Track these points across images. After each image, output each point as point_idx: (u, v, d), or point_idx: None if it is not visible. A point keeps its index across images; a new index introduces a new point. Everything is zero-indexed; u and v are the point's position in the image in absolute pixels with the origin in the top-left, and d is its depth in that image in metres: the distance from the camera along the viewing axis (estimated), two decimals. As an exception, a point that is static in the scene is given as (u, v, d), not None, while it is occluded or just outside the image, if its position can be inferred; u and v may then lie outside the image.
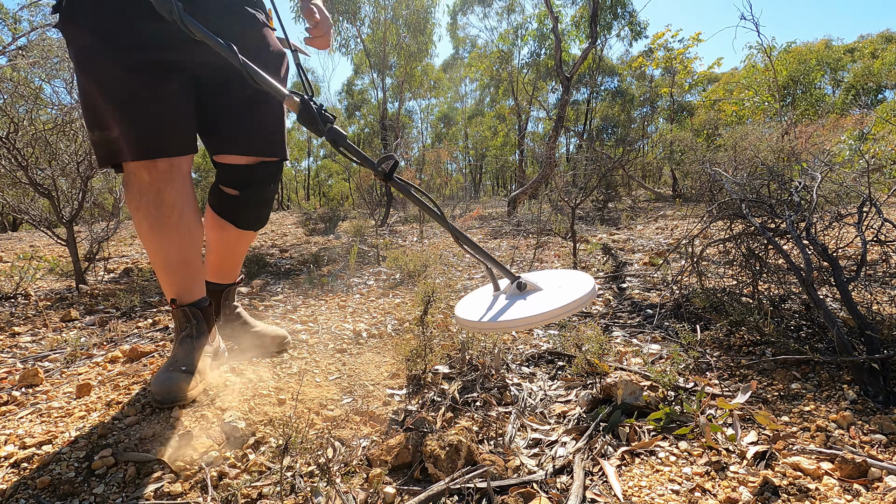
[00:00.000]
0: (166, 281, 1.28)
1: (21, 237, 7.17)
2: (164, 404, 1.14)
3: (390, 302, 2.40)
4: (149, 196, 1.20)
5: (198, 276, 1.33)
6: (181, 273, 1.28)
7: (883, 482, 0.84)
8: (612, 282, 2.60)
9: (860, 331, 1.20)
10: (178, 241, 1.24)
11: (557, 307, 0.95)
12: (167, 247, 1.24)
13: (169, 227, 1.23)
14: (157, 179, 1.19)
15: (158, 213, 1.21)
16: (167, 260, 1.25)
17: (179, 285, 1.29)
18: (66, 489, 0.89)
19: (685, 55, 11.78)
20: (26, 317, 2.14)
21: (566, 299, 0.97)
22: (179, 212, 1.23)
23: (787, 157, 4.30)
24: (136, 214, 1.21)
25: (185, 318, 1.29)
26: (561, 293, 1.02)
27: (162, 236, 1.23)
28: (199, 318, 1.30)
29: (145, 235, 1.23)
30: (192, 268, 1.30)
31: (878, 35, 23.43)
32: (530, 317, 0.96)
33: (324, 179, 29.95)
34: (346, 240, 5.48)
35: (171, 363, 1.22)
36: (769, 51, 7.44)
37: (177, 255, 1.25)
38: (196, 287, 1.33)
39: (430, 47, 10.42)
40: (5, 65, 3.87)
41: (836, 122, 7.00)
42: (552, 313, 0.95)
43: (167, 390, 1.14)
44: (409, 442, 1.01)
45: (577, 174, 5.44)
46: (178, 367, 1.20)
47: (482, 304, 1.11)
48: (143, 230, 1.23)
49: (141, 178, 1.19)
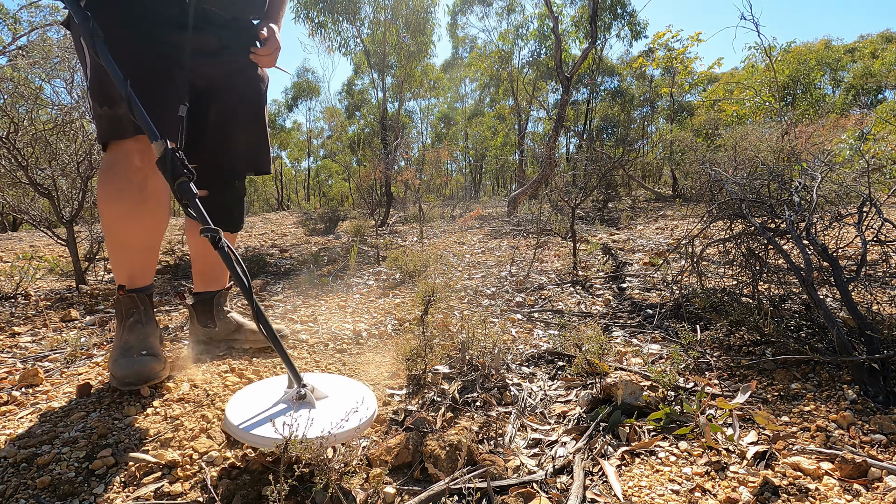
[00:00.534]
0: (123, 264, 1.29)
1: (21, 237, 7.17)
2: (134, 386, 1.16)
3: (390, 302, 2.40)
4: (135, 180, 1.22)
5: (154, 263, 1.37)
6: (142, 258, 1.31)
7: (883, 482, 0.84)
8: (612, 282, 2.60)
9: (860, 331, 1.20)
10: (151, 227, 1.28)
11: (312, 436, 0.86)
12: (138, 231, 1.27)
13: (146, 214, 1.26)
14: (147, 166, 1.23)
15: (140, 198, 1.23)
16: (132, 244, 1.28)
17: (135, 270, 1.30)
18: (66, 489, 0.89)
19: (685, 55, 11.78)
20: (26, 317, 2.14)
21: (328, 429, 0.89)
22: (157, 200, 1.27)
23: (787, 157, 4.30)
24: (116, 195, 1.22)
25: (132, 305, 1.29)
26: (329, 416, 0.94)
27: (137, 221, 1.26)
28: (146, 304, 1.31)
29: (119, 217, 1.24)
30: (152, 254, 1.34)
31: (878, 35, 23.41)
32: (274, 438, 0.86)
33: (324, 179, 29.94)
34: (346, 240, 5.48)
35: (124, 349, 1.22)
36: (769, 51, 7.44)
37: (144, 240, 1.29)
38: (148, 274, 1.35)
39: (430, 47, 10.40)
40: (5, 65, 3.86)
41: (836, 122, 7.00)
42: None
43: (137, 373, 1.16)
44: (409, 442, 1.01)
45: (577, 174, 5.44)
46: (138, 351, 1.21)
47: (260, 400, 1.02)
48: (119, 212, 1.24)
49: (132, 161, 1.22)
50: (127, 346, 1.22)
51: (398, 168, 7.62)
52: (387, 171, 7.47)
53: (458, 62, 19.87)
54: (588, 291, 2.46)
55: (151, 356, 1.21)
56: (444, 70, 19.94)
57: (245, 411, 0.97)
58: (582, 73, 15.70)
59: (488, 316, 2.01)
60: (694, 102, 14.12)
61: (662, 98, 14.94)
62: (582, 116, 17.95)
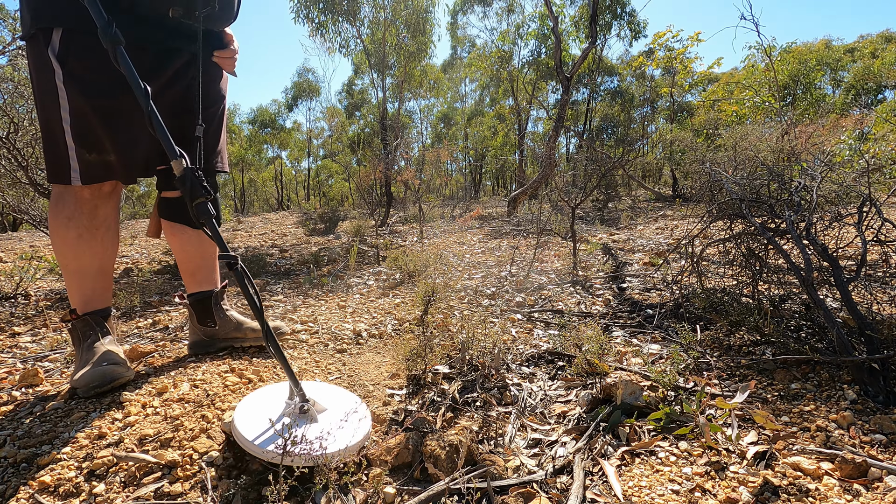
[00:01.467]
0: (77, 288, 1.34)
1: (21, 237, 7.16)
2: (100, 389, 1.19)
3: (390, 302, 2.40)
4: (84, 210, 1.29)
5: (108, 286, 1.41)
6: (95, 281, 1.36)
7: (883, 482, 0.84)
8: (612, 282, 2.60)
9: (860, 331, 1.20)
10: (101, 251, 1.33)
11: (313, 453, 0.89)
12: (89, 256, 1.32)
13: (96, 240, 1.32)
14: (96, 197, 1.30)
15: (90, 226, 1.30)
16: (84, 268, 1.33)
17: (88, 293, 1.35)
18: (66, 489, 0.89)
19: (685, 55, 11.78)
20: (26, 317, 2.14)
21: (330, 446, 0.92)
22: (107, 226, 1.34)
23: (787, 157, 4.30)
24: (66, 223, 1.28)
25: (87, 327, 1.32)
26: (332, 434, 0.97)
27: (87, 247, 1.31)
28: (100, 324, 1.35)
29: (70, 243, 1.29)
30: (105, 277, 1.38)
31: (878, 35, 23.41)
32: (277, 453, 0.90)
33: (324, 179, 29.94)
34: (346, 240, 5.48)
35: (86, 362, 1.25)
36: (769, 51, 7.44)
37: (97, 264, 1.34)
38: (104, 297, 1.39)
39: (430, 47, 10.40)
40: (5, 65, 3.87)
41: (836, 122, 6.99)
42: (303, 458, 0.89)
43: (101, 376, 1.19)
44: (409, 442, 1.01)
45: (577, 174, 5.44)
46: (99, 363, 1.24)
47: (268, 410, 1.05)
48: (69, 238, 1.29)
49: (82, 194, 1.27)
50: (86, 361, 1.26)
51: (398, 168, 7.62)
52: (387, 171, 7.47)
53: (457, 62, 19.88)
54: (588, 291, 2.46)
55: (112, 364, 1.24)
56: (444, 70, 19.94)
57: (253, 422, 1.00)
58: (582, 73, 15.70)
59: (488, 316, 2.01)
60: (694, 102, 14.11)
61: (662, 98, 14.94)
62: (582, 116, 17.95)
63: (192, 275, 1.57)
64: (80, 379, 1.20)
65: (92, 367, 1.22)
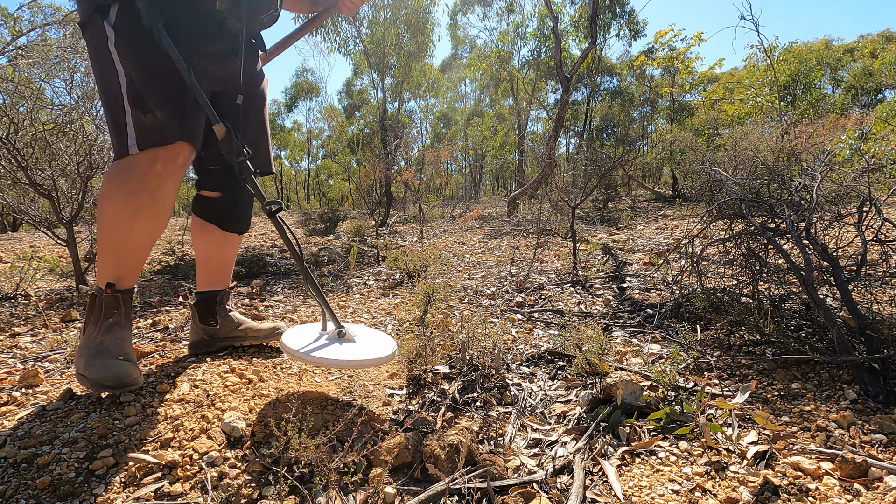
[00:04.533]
0: (116, 263, 1.29)
1: (21, 237, 7.16)
2: (110, 390, 1.15)
3: (390, 302, 2.39)
4: (150, 185, 1.23)
5: (142, 265, 1.37)
6: (134, 258, 1.31)
7: (883, 482, 0.84)
8: (612, 282, 2.60)
9: (860, 331, 1.20)
10: (151, 228, 1.29)
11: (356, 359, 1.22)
12: (140, 232, 1.27)
13: (152, 216, 1.27)
14: (165, 173, 1.25)
15: (150, 202, 1.25)
16: (129, 244, 1.28)
17: (124, 269, 1.30)
18: (66, 489, 0.89)
19: (686, 55, 11.77)
20: (26, 317, 2.14)
21: (364, 356, 1.24)
22: (164, 204, 1.29)
23: (787, 157, 4.30)
24: (126, 198, 1.22)
25: (115, 305, 1.27)
26: (365, 350, 1.27)
27: (141, 224, 1.26)
28: (127, 306, 1.30)
29: (123, 219, 1.24)
30: (144, 255, 1.34)
31: (878, 35, 23.42)
32: (335, 360, 1.21)
33: (324, 180, 29.94)
34: (346, 240, 5.48)
35: (97, 349, 1.20)
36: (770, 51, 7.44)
37: (142, 240, 1.30)
38: (135, 275, 1.34)
39: (430, 47, 10.41)
40: (5, 65, 3.86)
41: (836, 122, 6.99)
42: (351, 363, 1.22)
43: (116, 377, 1.14)
44: (409, 442, 1.01)
45: (577, 174, 5.44)
46: (115, 355, 1.19)
47: (307, 337, 1.33)
48: (123, 214, 1.24)
49: (153, 167, 1.23)
50: (102, 347, 1.20)
51: (398, 168, 7.62)
52: (386, 172, 7.47)
53: (456, 62, 19.89)
54: (588, 291, 2.46)
55: (129, 362, 1.20)
56: (443, 70, 19.95)
57: (298, 340, 1.29)
58: (581, 72, 15.70)
59: (488, 316, 2.01)
60: (694, 102, 14.11)
61: (662, 98, 14.94)
62: (582, 116, 17.95)
63: (207, 275, 1.59)
64: (92, 369, 1.15)
65: (108, 360, 1.17)
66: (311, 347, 1.25)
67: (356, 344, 1.31)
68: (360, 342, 1.32)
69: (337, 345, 1.28)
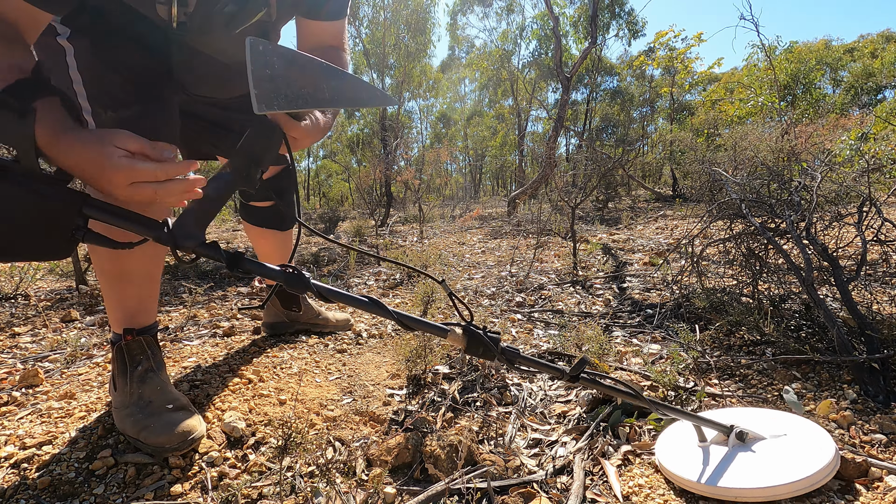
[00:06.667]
0: (117, 299, 1.11)
1: (21, 237, 7.15)
2: (180, 451, 0.97)
3: (390, 302, 2.40)
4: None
5: (155, 297, 1.19)
6: (140, 290, 1.13)
7: (883, 482, 0.84)
8: (612, 282, 2.60)
9: (860, 331, 1.20)
10: (150, 251, 1.06)
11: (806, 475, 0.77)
12: (136, 257, 1.07)
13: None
14: None
15: None
16: (127, 272, 1.10)
17: (132, 304, 1.12)
18: (66, 489, 0.89)
19: (686, 55, 11.77)
20: (26, 317, 2.14)
21: (811, 464, 0.79)
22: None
23: (787, 157, 4.30)
24: None
25: (139, 350, 1.09)
26: (794, 448, 0.84)
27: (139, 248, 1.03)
28: (153, 346, 1.13)
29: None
30: (153, 286, 1.17)
31: (878, 35, 23.42)
32: (778, 486, 0.77)
33: (323, 179, 29.94)
34: (346, 240, 5.48)
35: (142, 405, 1.02)
36: (770, 51, 7.44)
37: (143, 268, 1.13)
38: (151, 308, 1.16)
39: (430, 47, 10.43)
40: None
41: (836, 122, 6.99)
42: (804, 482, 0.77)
43: (182, 437, 0.97)
44: (409, 442, 1.01)
45: (577, 174, 5.44)
46: (163, 405, 1.03)
47: (688, 447, 0.93)
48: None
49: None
50: (145, 402, 1.03)
51: (398, 168, 7.62)
52: (386, 172, 7.47)
53: (455, 62, 19.90)
54: (588, 291, 2.46)
55: (184, 410, 1.03)
56: (442, 70, 19.95)
57: (687, 462, 0.88)
58: (581, 73, 15.71)
59: (488, 316, 2.01)
60: (694, 102, 14.11)
61: (662, 98, 14.94)
62: (582, 116, 17.96)
63: None
64: (149, 434, 0.97)
65: (161, 419, 1.00)
66: (715, 469, 0.84)
67: (769, 446, 0.88)
68: (773, 442, 0.89)
69: (747, 454, 0.86)
